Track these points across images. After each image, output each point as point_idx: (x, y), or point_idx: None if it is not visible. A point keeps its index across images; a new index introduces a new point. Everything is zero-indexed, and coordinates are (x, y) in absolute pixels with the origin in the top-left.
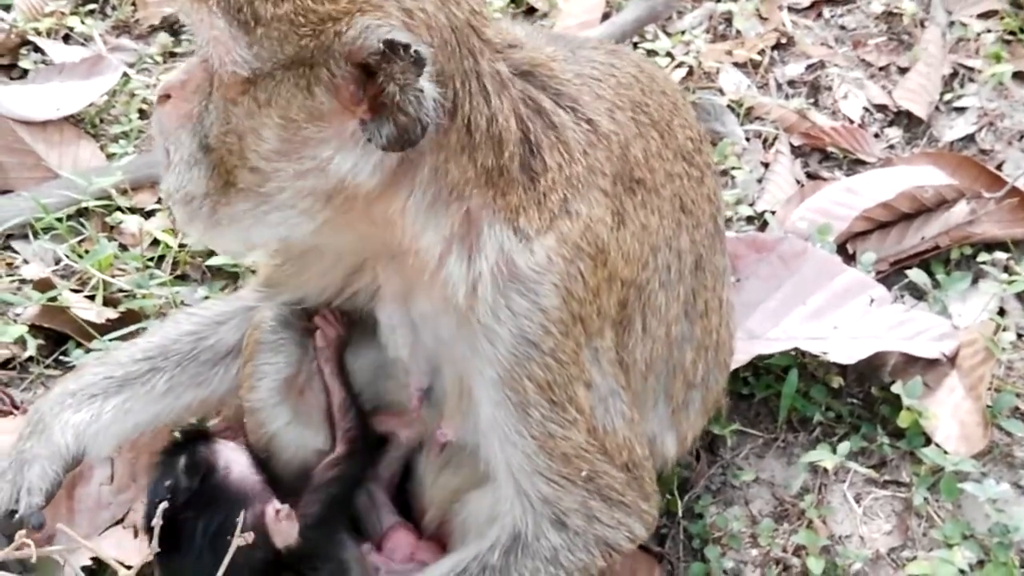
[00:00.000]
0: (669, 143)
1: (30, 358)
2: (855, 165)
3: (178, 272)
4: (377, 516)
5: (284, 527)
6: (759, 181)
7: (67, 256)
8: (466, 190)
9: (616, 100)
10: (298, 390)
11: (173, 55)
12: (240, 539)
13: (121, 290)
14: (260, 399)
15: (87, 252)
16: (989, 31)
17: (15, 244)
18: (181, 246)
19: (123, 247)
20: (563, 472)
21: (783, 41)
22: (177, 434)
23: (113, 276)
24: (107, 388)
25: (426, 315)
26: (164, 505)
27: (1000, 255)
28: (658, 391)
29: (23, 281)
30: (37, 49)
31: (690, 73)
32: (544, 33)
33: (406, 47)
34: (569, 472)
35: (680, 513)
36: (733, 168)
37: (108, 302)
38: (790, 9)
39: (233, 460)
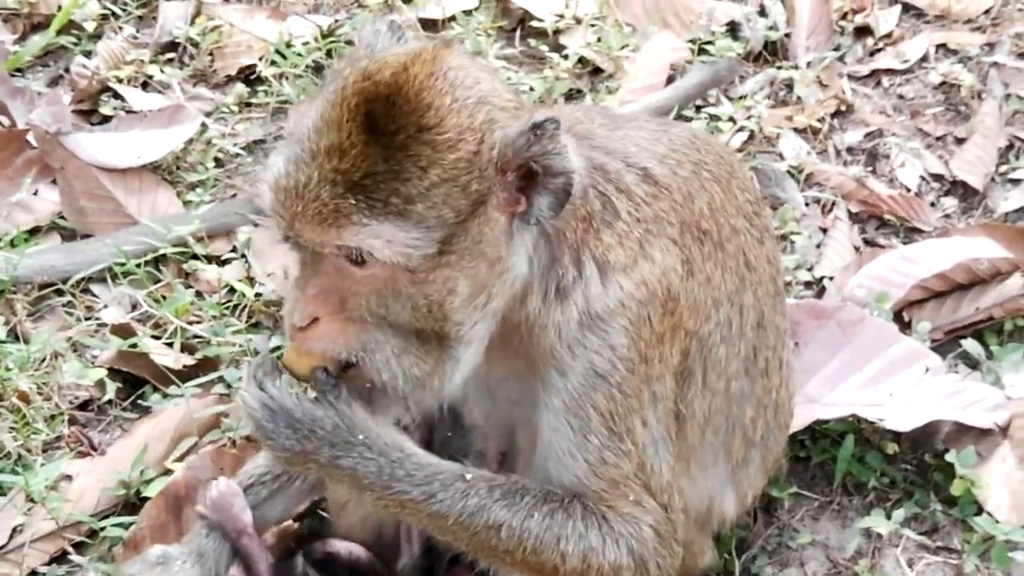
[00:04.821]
0: (730, 200)
1: (108, 401)
2: (911, 233)
3: (252, 320)
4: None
5: None
6: (817, 246)
7: (144, 301)
8: (564, 235)
9: (673, 155)
10: None
11: (248, 105)
12: None
13: (197, 336)
14: None
15: (164, 298)
16: None
17: (94, 287)
18: (257, 295)
19: (199, 294)
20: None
21: (842, 108)
22: None
23: (190, 323)
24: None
25: (500, 379)
26: None
27: None
28: (717, 447)
29: (100, 324)
30: (117, 96)
31: (751, 137)
32: (590, 108)
33: (542, 123)
34: (615, 495)
35: (737, 573)
36: (792, 233)
37: (184, 348)
38: (850, 77)
39: None
